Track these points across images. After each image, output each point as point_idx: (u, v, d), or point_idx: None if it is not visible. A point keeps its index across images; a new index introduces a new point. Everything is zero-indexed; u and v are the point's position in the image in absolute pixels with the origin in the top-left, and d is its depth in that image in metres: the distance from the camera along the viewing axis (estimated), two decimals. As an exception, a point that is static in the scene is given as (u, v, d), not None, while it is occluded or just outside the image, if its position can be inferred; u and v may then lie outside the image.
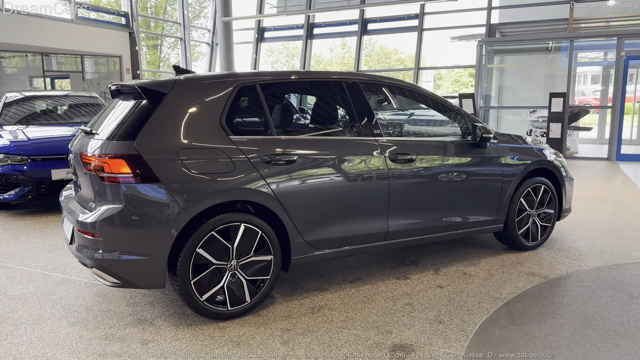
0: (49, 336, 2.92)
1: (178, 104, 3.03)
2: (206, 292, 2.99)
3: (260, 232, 3.12)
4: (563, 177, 4.64)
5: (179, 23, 17.80)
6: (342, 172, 3.41)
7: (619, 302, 3.37)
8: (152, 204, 2.83)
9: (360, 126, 3.59)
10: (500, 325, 3.04)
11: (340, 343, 2.82)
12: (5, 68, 14.40)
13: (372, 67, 20.47)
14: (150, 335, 2.93)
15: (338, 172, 3.40)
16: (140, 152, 2.83)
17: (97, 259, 2.85)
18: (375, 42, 21.39)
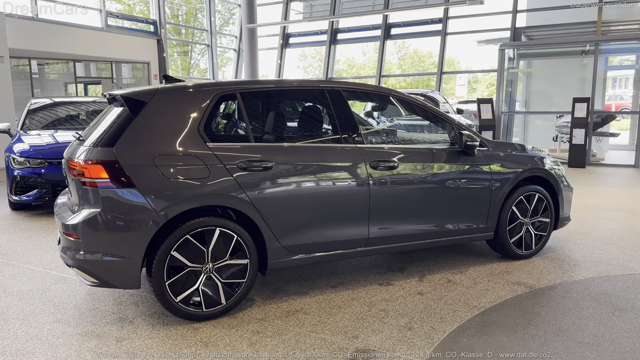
0: (34, 331, 3.09)
1: (157, 112, 3.17)
2: (181, 293, 3.11)
3: (236, 236, 3.22)
4: (560, 185, 4.55)
5: (206, 30, 18.23)
6: (320, 179, 3.48)
7: (599, 314, 3.30)
8: (128, 207, 2.97)
9: (341, 133, 3.64)
10: (470, 333, 3.04)
11: (305, 346, 2.88)
12: (44, 75, 15.11)
13: (405, 70, 20.42)
14: (127, 333, 3.06)
15: (316, 178, 3.46)
16: (118, 158, 2.97)
17: (77, 259, 3.01)
18: (409, 46, 21.32)
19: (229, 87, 3.42)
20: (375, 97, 4.16)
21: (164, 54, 15.70)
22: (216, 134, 3.30)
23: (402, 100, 4.10)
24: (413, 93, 11.88)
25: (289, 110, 3.99)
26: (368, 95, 4.06)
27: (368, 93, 4.07)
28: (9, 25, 11.42)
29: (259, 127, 3.62)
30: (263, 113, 3.77)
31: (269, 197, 3.30)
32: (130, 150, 3.02)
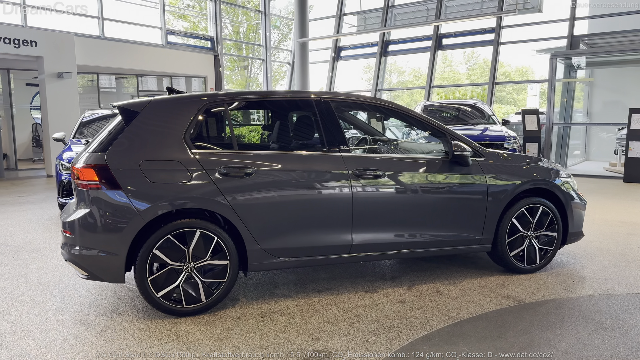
0: (35, 317, 3.44)
1: (148, 121, 3.45)
2: (162, 289, 3.34)
3: (216, 238, 3.42)
4: (568, 199, 4.38)
5: (262, 45, 18.89)
6: (302, 186, 3.61)
7: (580, 331, 3.17)
8: (114, 207, 3.26)
9: (326, 142, 3.76)
10: (433, 342, 3.03)
11: (267, 345, 3.01)
12: (110, 88, 16.35)
13: (474, 80, 20.04)
14: (113, 323, 3.34)
15: (297, 185, 3.60)
16: (108, 163, 3.28)
17: (71, 254, 3.34)
18: (479, 55, 20.92)
19: (217, 98, 3.65)
20: (363, 107, 4.24)
21: (220, 69, 16.46)
22: (201, 141, 3.53)
23: (392, 110, 4.15)
24: (462, 104, 11.69)
25: (275, 119, 4.15)
26: (356, 105, 4.16)
27: (357, 104, 4.17)
28: (78, 44, 12.51)
29: (243, 136, 3.82)
30: (248, 122, 3.97)
31: (248, 202, 3.48)
32: (119, 156, 3.31)
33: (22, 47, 11.29)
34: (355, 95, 4.14)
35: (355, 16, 19.50)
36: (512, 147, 9.58)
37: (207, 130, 3.64)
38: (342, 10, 18.57)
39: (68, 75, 12.07)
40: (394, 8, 17.67)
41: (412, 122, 4.25)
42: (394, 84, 20.38)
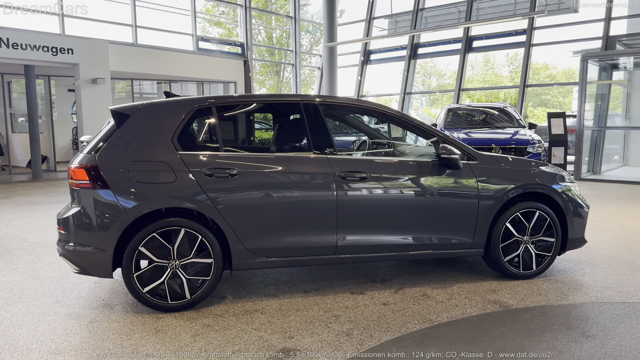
0: (33, 309, 3.65)
1: (138, 124, 3.61)
2: (148, 285, 3.48)
3: (201, 237, 3.53)
4: (568, 205, 4.26)
5: (292, 50, 19.12)
6: (286, 187, 3.68)
7: (559, 339, 3.09)
8: (103, 206, 3.42)
9: (312, 144, 3.81)
10: (403, 344, 3.03)
11: (240, 341, 3.08)
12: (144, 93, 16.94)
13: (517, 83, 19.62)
14: (102, 316, 3.50)
15: (282, 186, 3.67)
16: (98, 164, 3.45)
17: (65, 249, 3.52)
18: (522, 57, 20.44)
19: (206, 101, 3.78)
20: (352, 110, 4.27)
21: (249, 74, 16.77)
22: (189, 143, 3.65)
23: (380, 112, 4.16)
24: (489, 107, 11.49)
25: (263, 122, 4.24)
26: (345, 108, 4.19)
27: (345, 107, 4.20)
28: (112, 51, 13.05)
29: (230, 138, 3.93)
30: (235, 125, 4.07)
31: (232, 202, 3.58)
32: (109, 157, 3.48)
33: (59, 55, 11.88)
34: (343, 98, 4.19)
35: (387, 20, 19.44)
36: (536, 151, 9.34)
37: (195, 132, 3.76)
38: (372, 14, 18.57)
39: (102, 81, 12.61)
40: (424, 11, 17.52)
41: (401, 125, 4.25)
42: (433, 87, 20.16)
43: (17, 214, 7.53)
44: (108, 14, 14.05)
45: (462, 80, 16.12)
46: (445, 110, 11.28)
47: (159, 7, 15.23)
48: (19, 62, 11.64)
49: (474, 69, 20.83)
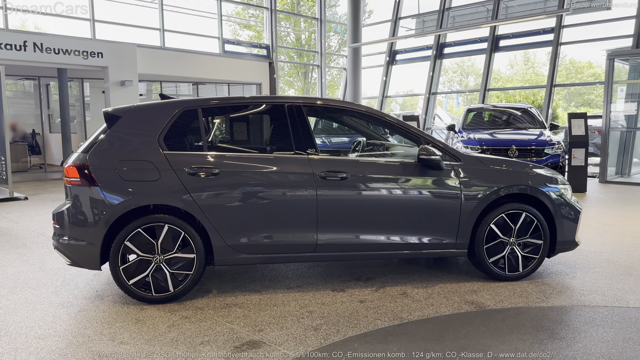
0: (31, 297, 3.91)
1: (128, 125, 3.82)
2: (133, 277, 3.67)
3: (183, 233, 3.70)
4: (557, 207, 4.21)
5: (317, 52, 19.27)
6: (267, 186, 3.80)
7: (524, 340, 3.09)
8: (91, 202, 3.64)
9: (295, 145, 3.92)
10: (366, 340, 3.10)
11: (211, 333, 3.23)
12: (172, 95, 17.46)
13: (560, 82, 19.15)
14: (91, 306, 3.72)
15: (263, 185, 3.80)
16: (88, 163, 3.67)
17: (58, 242, 3.76)
18: (565, 56, 19.99)
19: (192, 104, 3.94)
20: (335, 111, 4.35)
21: (274, 76, 17.01)
22: (174, 144, 3.82)
23: (363, 113, 4.23)
24: (510, 107, 11.31)
25: (247, 123, 4.37)
26: (328, 110, 4.27)
27: (328, 108, 4.29)
28: (140, 54, 13.52)
29: (214, 139, 4.08)
30: (220, 126, 4.22)
31: (214, 200, 3.73)
32: (99, 156, 3.70)
33: (89, 58, 12.41)
34: (326, 100, 4.28)
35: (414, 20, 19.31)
36: (554, 152, 9.15)
37: (181, 133, 3.92)
38: (398, 14, 18.50)
39: (129, 83, 13.09)
40: (451, 10, 17.33)
41: (385, 126, 4.31)
42: (471, 86, 19.85)
43: (41, 210, 7.95)
44: (137, 18, 14.56)
45: (489, 80, 15.86)
46: (465, 111, 11.17)
47: (186, 11, 15.67)
48: (52, 65, 12.23)
49: (513, 67, 20.39)
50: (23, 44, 11.32)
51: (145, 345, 3.05)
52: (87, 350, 3.00)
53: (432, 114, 17.47)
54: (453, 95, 20.99)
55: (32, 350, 3.00)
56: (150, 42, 14.41)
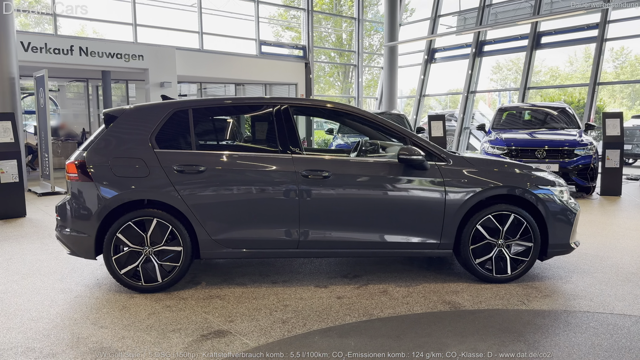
0: (38, 284, 4.25)
1: (124, 125, 4.08)
2: (124, 267, 3.93)
3: (171, 226, 3.92)
4: (549, 208, 4.12)
5: (354, 51, 19.30)
6: (250, 183, 3.96)
7: (485, 340, 3.08)
8: (86, 196, 3.92)
9: (279, 144, 4.06)
10: (326, 334, 3.18)
11: (185, 321, 3.41)
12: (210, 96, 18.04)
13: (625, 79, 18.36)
14: (88, 293, 4.00)
15: (247, 183, 3.96)
16: (86, 160, 3.95)
17: (60, 233, 4.08)
18: (630, 52, 19.15)
19: (184, 104, 4.16)
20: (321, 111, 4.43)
21: (310, 76, 17.21)
22: (165, 142, 4.04)
23: (349, 113, 4.30)
24: (544, 106, 10.94)
25: (236, 123, 4.53)
26: (314, 110, 4.36)
27: (314, 108, 4.38)
28: (179, 56, 14.08)
29: (203, 138, 4.27)
30: (209, 126, 4.40)
31: (199, 196, 3.92)
32: (95, 154, 3.97)
33: (131, 61, 13.06)
34: (313, 100, 4.37)
35: (454, 17, 18.98)
36: (586, 153, 8.79)
37: (172, 133, 4.12)
38: (437, 12, 18.23)
39: (169, 85, 13.66)
40: (491, 7, 16.90)
41: (372, 126, 4.35)
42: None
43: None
44: (177, 22, 15.15)
45: (529, 78, 15.36)
46: (497, 111, 10.91)
47: (224, 14, 16.14)
48: (96, 68, 12.95)
49: (572, 65, 19.61)
50: (70, 48, 12.06)
51: (122, 330, 3.28)
52: (69, 332, 3.26)
53: (471, 113, 17.10)
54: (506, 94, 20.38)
55: (22, 330, 3.29)
56: (189, 44, 14.95)
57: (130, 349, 3.01)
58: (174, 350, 2.98)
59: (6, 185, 7.15)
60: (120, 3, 13.96)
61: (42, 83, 9.65)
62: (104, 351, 2.98)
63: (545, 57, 18.20)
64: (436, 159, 4.11)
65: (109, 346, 3.04)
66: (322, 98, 19.34)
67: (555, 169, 8.57)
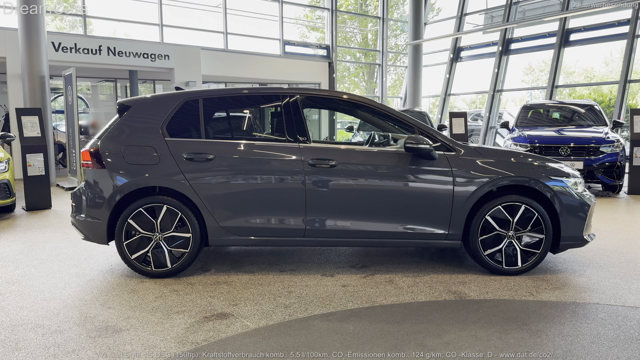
0: (54, 268, 4.39)
1: (137, 114, 4.18)
2: (135, 252, 4.03)
3: (180, 213, 4.00)
4: (562, 200, 4.02)
5: (378, 51, 19.24)
6: (258, 172, 4.01)
7: (488, 328, 3.03)
8: (100, 183, 4.04)
9: (287, 133, 4.09)
10: (329, 318, 3.19)
11: (190, 304, 3.47)
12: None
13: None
14: (100, 277, 4.12)
15: (255, 171, 4.01)
16: (99, 148, 4.07)
17: (75, 218, 4.21)
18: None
19: (195, 94, 4.24)
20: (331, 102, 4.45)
21: (334, 75, 17.24)
22: (176, 131, 4.12)
23: (358, 103, 4.30)
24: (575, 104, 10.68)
25: (245, 113, 4.58)
26: (323, 100, 4.37)
27: (324, 98, 4.39)
28: (204, 56, 14.32)
29: (212, 126, 4.33)
30: (219, 115, 4.46)
31: (208, 183, 3.99)
32: (109, 142, 4.09)
33: (157, 61, 13.35)
34: (322, 90, 4.38)
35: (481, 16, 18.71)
36: (612, 151, 8.54)
37: (183, 121, 4.19)
38: (463, 10, 18.01)
39: (193, 84, 13.90)
40: (518, 4, 16.59)
41: (382, 116, 4.34)
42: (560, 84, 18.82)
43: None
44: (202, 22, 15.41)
45: (557, 77, 15.00)
46: (521, 108, 10.70)
47: (249, 15, 16.33)
48: (124, 67, 13.30)
49: (608, 65, 19.01)
50: (98, 48, 12.42)
51: (128, 311, 3.36)
52: (78, 311, 3.36)
53: (497, 112, 16.81)
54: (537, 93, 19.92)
55: (34, 309, 3.41)
56: (214, 44, 15.19)
57: (134, 327, 3.08)
58: (176, 330, 3.04)
59: (33, 178, 7.41)
60: (147, 4, 14.29)
61: (70, 81, 9.96)
62: (108, 329, 3.06)
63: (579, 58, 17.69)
64: (445, 149, 4.07)
65: (113, 325, 3.13)
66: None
67: (579, 167, 8.36)
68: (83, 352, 2.76)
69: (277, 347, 2.81)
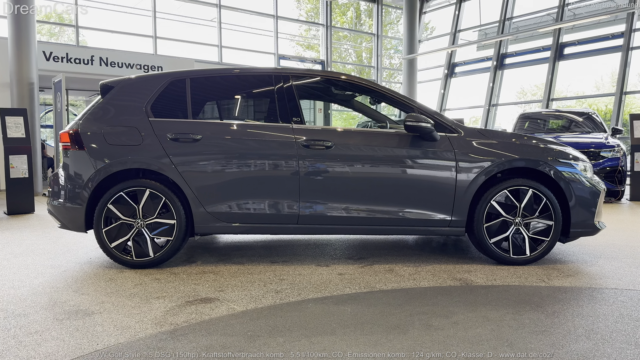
0: (29, 260, 4.08)
1: (120, 94, 3.94)
2: (115, 240, 3.73)
3: (164, 198, 3.72)
4: (571, 184, 3.78)
5: (373, 67, 19.24)
6: (248, 153, 3.75)
7: (499, 309, 2.75)
8: (78, 165, 3.77)
9: (279, 114, 3.86)
10: (324, 302, 2.91)
11: (171, 291, 3.17)
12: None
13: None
14: (76, 268, 3.81)
15: (244, 152, 3.75)
16: (79, 129, 3.82)
17: (51, 204, 3.92)
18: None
19: (182, 74, 4.01)
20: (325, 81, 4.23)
21: (329, 89, 17.13)
22: (161, 111, 3.87)
23: (355, 84, 4.09)
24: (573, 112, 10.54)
25: (235, 93, 4.34)
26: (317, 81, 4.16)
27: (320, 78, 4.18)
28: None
29: (200, 107, 4.09)
30: (207, 95, 4.21)
31: (194, 166, 3.73)
32: (89, 123, 3.84)
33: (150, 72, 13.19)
34: (315, 70, 4.17)
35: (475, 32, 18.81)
36: (613, 155, 8.37)
37: (168, 102, 3.96)
38: (457, 27, 18.10)
39: (186, 96, 13.73)
40: (512, 20, 16.69)
41: (379, 97, 4.13)
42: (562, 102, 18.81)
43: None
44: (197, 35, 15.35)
45: (552, 90, 14.97)
46: (518, 117, 10.56)
47: (244, 30, 16.30)
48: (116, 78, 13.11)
49: (599, 89, 18.97)
50: (90, 58, 12.25)
51: (103, 297, 3.06)
52: (47, 297, 3.06)
53: (492, 126, 16.71)
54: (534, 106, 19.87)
55: (1, 296, 3.10)
56: (209, 58, 15.09)
57: (107, 311, 2.78)
58: (154, 313, 2.74)
59: (16, 181, 7.11)
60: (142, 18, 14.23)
61: (59, 88, 9.75)
62: (79, 313, 2.75)
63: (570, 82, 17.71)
64: (447, 130, 3.85)
65: (85, 309, 2.82)
66: (339, 113, 19.24)
67: (580, 171, 8.15)
68: (47, 333, 2.45)
69: (267, 327, 2.51)
